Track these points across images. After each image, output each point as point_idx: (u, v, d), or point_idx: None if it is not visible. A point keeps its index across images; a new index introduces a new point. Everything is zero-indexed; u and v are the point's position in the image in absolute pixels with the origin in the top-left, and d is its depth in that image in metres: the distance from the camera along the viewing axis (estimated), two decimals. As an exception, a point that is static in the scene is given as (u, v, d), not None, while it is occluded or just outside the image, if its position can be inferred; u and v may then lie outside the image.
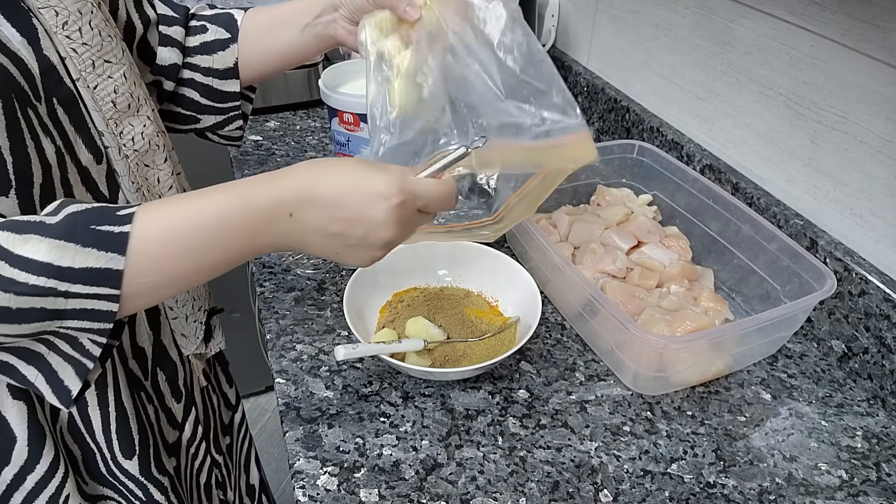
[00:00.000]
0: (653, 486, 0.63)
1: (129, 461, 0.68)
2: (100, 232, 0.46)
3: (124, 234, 0.46)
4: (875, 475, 0.65)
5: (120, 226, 0.46)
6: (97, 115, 0.59)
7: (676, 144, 0.98)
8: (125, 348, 0.68)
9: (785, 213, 0.82)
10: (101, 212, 0.47)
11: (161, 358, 0.72)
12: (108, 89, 0.60)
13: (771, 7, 0.81)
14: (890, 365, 0.71)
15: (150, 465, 0.70)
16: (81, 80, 0.58)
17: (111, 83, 0.60)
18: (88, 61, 0.58)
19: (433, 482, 0.63)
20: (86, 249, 0.45)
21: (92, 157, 0.60)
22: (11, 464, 0.59)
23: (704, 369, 0.74)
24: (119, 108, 0.61)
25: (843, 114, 0.75)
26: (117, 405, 0.65)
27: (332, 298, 0.84)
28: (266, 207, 0.50)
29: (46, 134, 0.55)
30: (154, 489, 0.71)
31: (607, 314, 0.71)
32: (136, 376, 0.70)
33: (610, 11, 1.13)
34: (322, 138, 1.19)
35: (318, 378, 0.73)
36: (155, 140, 0.66)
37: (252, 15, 0.79)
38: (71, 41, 0.57)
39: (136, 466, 0.69)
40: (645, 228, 0.88)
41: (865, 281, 0.72)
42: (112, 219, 0.47)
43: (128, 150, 0.62)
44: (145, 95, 0.66)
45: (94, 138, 0.60)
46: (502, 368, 0.75)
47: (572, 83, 1.22)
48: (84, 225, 0.46)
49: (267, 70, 0.80)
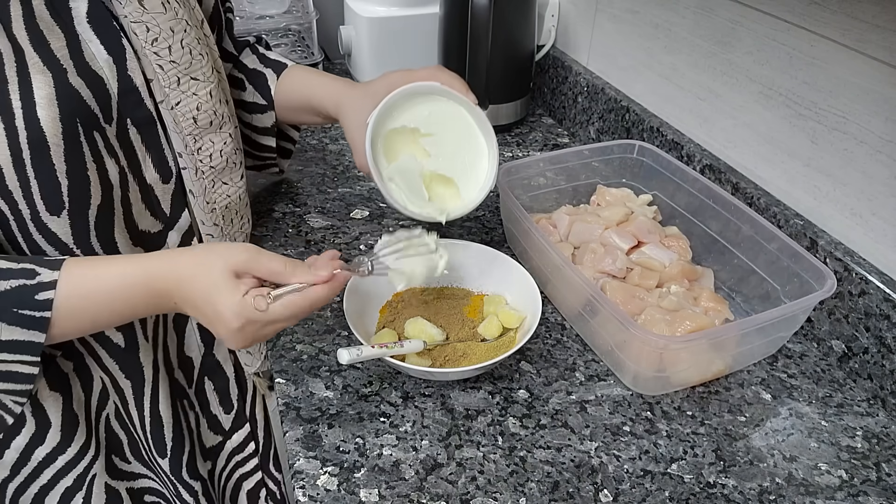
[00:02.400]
0: (653, 486, 0.63)
1: (163, 460, 0.71)
2: (22, 315, 0.50)
3: (45, 318, 0.51)
4: (875, 475, 0.65)
5: (41, 311, 0.50)
6: (175, 135, 0.61)
7: (676, 144, 0.98)
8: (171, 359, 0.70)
9: (785, 213, 0.82)
10: (20, 295, 0.50)
11: (211, 369, 0.75)
12: (190, 106, 0.61)
13: (771, 7, 0.81)
14: (890, 365, 0.71)
15: (181, 469, 0.72)
16: (165, 102, 0.59)
17: (195, 100, 0.61)
18: (174, 79, 0.59)
19: (433, 482, 0.63)
20: (10, 327, 0.50)
21: (159, 176, 0.61)
22: (45, 444, 0.64)
23: (704, 369, 0.74)
24: (200, 125, 0.62)
25: (843, 114, 0.75)
26: (152, 412, 0.69)
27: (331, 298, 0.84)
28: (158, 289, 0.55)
29: (111, 155, 0.56)
30: (183, 490, 0.73)
31: (607, 314, 0.71)
32: (181, 385, 0.72)
33: (610, 11, 1.12)
34: (322, 138, 1.19)
35: (318, 378, 0.73)
36: (233, 158, 0.67)
37: (282, 88, 0.83)
38: (159, 58, 0.58)
39: (168, 467, 0.72)
40: (645, 228, 0.87)
41: (865, 281, 0.72)
42: (32, 304, 0.50)
43: (204, 168, 0.64)
44: (230, 113, 0.67)
45: (166, 159, 0.61)
46: (502, 368, 0.75)
47: (572, 83, 1.22)
48: (7, 308, 0.50)
49: (303, 124, 0.90)
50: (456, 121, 0.79)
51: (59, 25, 0.52)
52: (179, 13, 0.60)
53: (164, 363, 0.68)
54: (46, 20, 0.51)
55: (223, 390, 0.75)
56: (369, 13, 1.27)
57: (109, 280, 0.53)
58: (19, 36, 0.50)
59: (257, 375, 0.78)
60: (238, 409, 0.77)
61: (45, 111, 0.50)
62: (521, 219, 0.81)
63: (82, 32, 0.53)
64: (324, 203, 1.01)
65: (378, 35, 1.28)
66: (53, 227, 0.54)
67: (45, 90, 0.50)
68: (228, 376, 0.75)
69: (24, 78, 0.50)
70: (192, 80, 0.61)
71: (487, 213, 1.01)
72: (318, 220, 0.98)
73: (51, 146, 0.51)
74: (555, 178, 0.97)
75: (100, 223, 0.57)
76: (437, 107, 0.78)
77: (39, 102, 0.50)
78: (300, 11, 1.39)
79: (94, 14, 0.53)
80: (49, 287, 0.50)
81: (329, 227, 0.96)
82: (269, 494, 0.85)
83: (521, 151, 1.18)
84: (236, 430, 0.78)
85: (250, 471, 0.82)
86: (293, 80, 0.83)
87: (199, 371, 0.73)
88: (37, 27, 0.50)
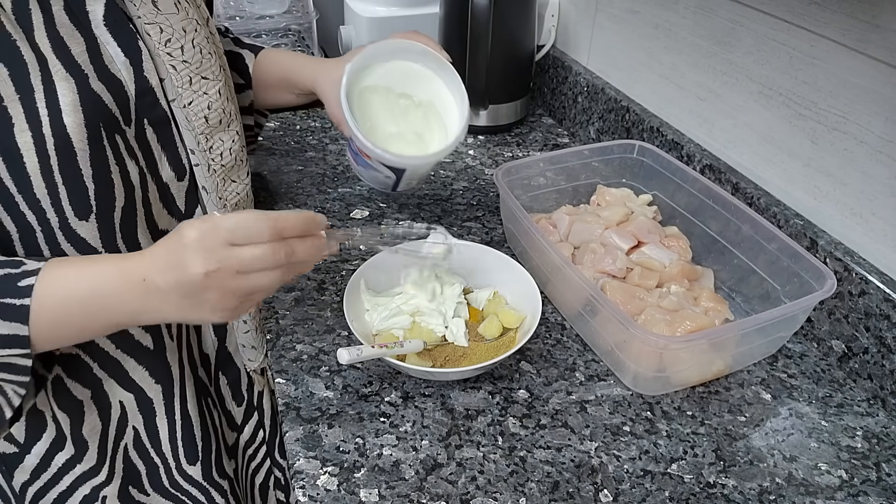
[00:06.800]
0: (653, 486, 0.63)
1: (193, 467, 0.71)
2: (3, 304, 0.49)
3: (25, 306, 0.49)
4: (875, 475, 0.65)
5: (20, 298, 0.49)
6: (188, 133, 0.61)
7: (676, 144, 0.98)
8: (194, 357, 0.70)
9: (785, 213, 0.82)
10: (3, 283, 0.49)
11: (224, 363, 0.75)
12: (201, 105, 0.62)
13: (771, 7, 0.81)
14: (890, 365, 0.71)
15: (211, 470, 0.73)
16: (177, 100, 0.60)
17: (205, 99, 0.62)
18: (186, 78, 0.60)
19: (433, 482, 0.63)
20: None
21: (174, 174, 0.62)
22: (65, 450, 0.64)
23: (704, 369, 0.74)
24: (211, 124, 0.63)
25: (843, 114, 0.75)
26: (183, 413, 0.69)
27: (331, 298, 0.84)
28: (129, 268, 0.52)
29: (132, 157, 0.57)
30: (215, 492, 0.74)
31: (607, 314, 0.71)
32: (204, 383, 0.73)
33: (610, 11, 1.12)
34: (322, 138, 1.19)
35: (318, 378, 0.73)
36: (240, 155, 0.68)
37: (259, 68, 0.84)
38: (171, 58, 0.58)
39: (199, 472, 0.72)
40: (645, 228, 0.87)
41: (865, 281, 0.72)
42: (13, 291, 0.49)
43: (216, 166, 0.64)
44: (236, 111, 0.68)
45: (180, 157, 0.62)
46: (502, 368, 0.75)
47: (572, 83, 1.22)
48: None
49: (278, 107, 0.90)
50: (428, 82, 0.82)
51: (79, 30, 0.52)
52: (190, 13, 0.61)
53: (189, 362, 0.69)
54: (66, 25, 0.52)
55: (235, 383, 0.76)
56: (369, 13, 1.27)
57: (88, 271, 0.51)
58: (42, 44, 0.50)
59: (258, 373, 0.78)
60: (248, 400, 0.78)
61: (70, 118, 0.51)
62: (521, 219, 0.81)
63: (100, 35, 0.53)
64: (324, 203, 1.01)
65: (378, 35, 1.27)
66: (82, 232, 0.55)
67: (70, 97, 0.51)
68: (239, 367, 0.75)
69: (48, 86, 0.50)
70: (202, 79, 0.61)
71: (487, 213, 1.01)
72: (318, 220, 0.98)
73: (77, 151, 0.52)
74: (555, 178, 0.97)
75: (124, 225, 0.57)
76: (411, 68, 0.81)
77: (65, 109, 0.50)
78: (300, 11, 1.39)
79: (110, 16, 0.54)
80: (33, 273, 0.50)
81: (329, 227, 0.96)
82: (275, 482, 0.86)
83: (521, 151, 1.18)
84: (247, 422, 0.79)
85: (260, 462, 0.83)
86: (270, 59, 0.84)
87: (215, 366, 0.73)
88: (57, 34, 0.51)
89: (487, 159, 1.15)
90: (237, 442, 0.79)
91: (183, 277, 0.49)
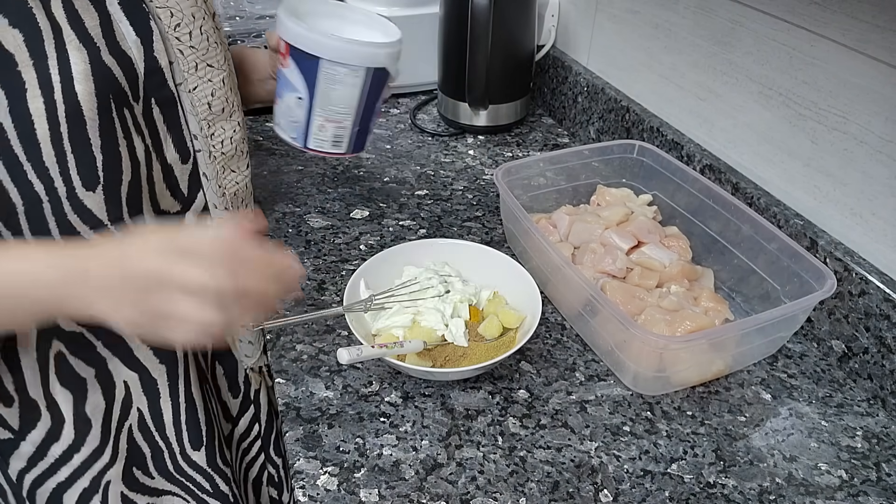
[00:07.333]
0: (653, 486, 0.63)
1: (198, 452, 0.72)
2: None
3: None
4: (875, 475, 0.65)
5: None
6: (192, 117, 0.62)
7: (676, 144, 0.98)
8: None
9: (785, 213, 0.82)
10: None
11: (220, 353, 0.75)
12: (205, 91, 0.63)
13: (771, 7, 0.81)
14: (890, 365, 0.71)
15: (215, 456, 0.73)
16: (183, 84, 0.61)
17: (210, 86, 0.63)
18: (192, 64, 0.61)
19: (433, 482, 0.63)
20: None
21: (178, 156, 0.63)
22: (61, 441, 0.64)
23: (704, 369, 0.74)
24: (214, 111, 0.64)
25: (843, 114, 0.75)
26: (187, 396, 0.69)
27: (332, 298, 0.84)
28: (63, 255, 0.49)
29: (138, 133, 0.58)
30: (220, 479, 0.74)
31: (607, 314, 0.71)
32: (203, 370, 0.73)
33: (610, 11, 1.12)
34: (322, 138, 1.19)
35: (318, 378, 0.73)
36: (241, 146, 0.69)
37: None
38: (180, 43, 0.59)
39: (204, 457, 0.72)
40: (645, 228, 0.87)
41: (865, 281, 0.72)
42: None
43: (217, 153, 0.65)
44: (238, 102, 0.69)
45: (185, 139, 0.63)
46: (502, 368, 0.75)
47: (572, 83, 1.22)
48: None
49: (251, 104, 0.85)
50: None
51: (94, 5, 0.53)
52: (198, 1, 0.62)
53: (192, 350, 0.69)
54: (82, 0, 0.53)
55: (231, 374, 0.76)
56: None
57: (19, 252, 0.50)
58: (57, 13, 0.51)
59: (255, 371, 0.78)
60: (244, 393, 0.78)
61: (81, 86, 0.52)
62: (521, 219, 0.81)
63: (114, 13, 0.55)
64: (324, 203, 1.01)
65: (378, 35, 1.28)
66: (89, 203, 0.55)
67: (82, 66, 0.52)
68: (236, 359, 0.75)
69: (62, 53, 0.51)
70: (207, 66, 0.63)
71: (487, 213, 1.01)
72: (318, 220, 0.98)
73: (87, 121, 0.53)
74: (555, 178, 0.97)
75: (130, 200, 0.58)
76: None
77: (77, 77, 0.51)
78: (300, 11, 1.39)
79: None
80: None
81: (329, 227, 0.96)
82: (269, 479, 0.86)
83: (521, 151, 1.18)
84: (242, 415, 0.79)
85: (254, 456, 0.83)
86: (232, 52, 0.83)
87: (212, 355, 0.74)
88: (72, 6, 0.52)
89: (487, 159, 1.15)
90: (232, 434, 0.80)
91: (128, 267, 0.47)
